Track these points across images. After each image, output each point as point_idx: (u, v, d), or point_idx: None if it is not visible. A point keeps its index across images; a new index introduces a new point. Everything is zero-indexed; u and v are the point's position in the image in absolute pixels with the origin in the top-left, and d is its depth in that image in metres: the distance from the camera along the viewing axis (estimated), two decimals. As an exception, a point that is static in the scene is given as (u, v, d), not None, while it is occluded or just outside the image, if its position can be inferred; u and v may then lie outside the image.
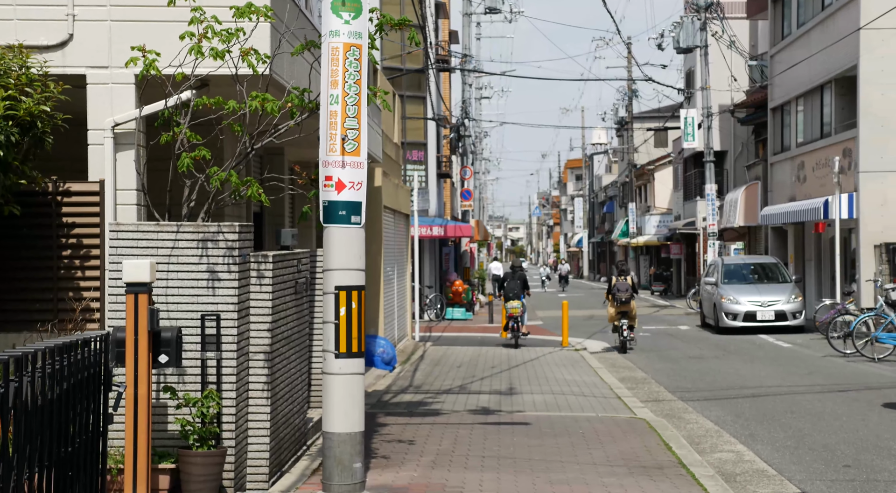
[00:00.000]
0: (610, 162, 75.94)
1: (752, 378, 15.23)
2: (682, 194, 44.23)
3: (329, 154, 7.32)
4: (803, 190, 26.36)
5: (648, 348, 20.75)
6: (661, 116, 52.32)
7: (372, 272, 16.77)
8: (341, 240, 7.36)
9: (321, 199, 7.40)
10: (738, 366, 17.01)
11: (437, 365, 16.97)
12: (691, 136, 33.42)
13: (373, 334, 16.81)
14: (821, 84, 25.18)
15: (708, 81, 32.30)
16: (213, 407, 7.17)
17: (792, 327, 23.12)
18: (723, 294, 23.61)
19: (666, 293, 46.18)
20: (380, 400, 12.47)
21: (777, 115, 29.32)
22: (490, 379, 14.84)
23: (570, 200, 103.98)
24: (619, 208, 65.17)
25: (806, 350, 19.41)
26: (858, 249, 22.44)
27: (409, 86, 30.09)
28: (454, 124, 34.64)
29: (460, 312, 30.43)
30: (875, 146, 22.22)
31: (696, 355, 19.01)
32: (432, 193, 29.80)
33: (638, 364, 17.77)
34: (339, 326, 7.29)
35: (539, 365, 16.97)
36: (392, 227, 19.00)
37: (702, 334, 24.12)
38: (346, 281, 7.33)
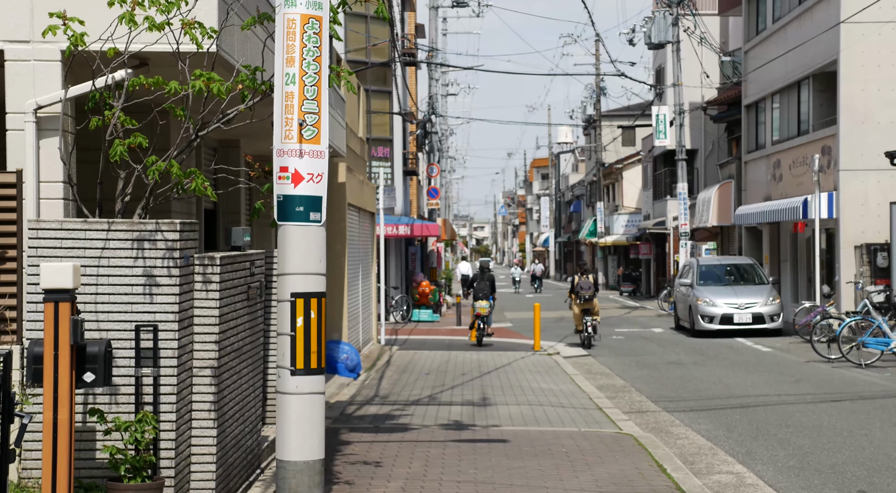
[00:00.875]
0: (577, 161, 75.34)
1: (738, 386, 14.44)
2: (652, 193, 43.58)
3: (284, 142, 6.38)
4: (779, 189, 25.71)
5: (624, 353, 19.95)
6: (630, 115, 51.70)
7: (335, 273, 15.82)
8: (298, 240, 6.42)
9: (275, 193, 6.45)
10: (719, 373, 16.22)
11: (404, 372, 16.04)
12: (663, 133, 32.72)
13: (336, 339, 15.86)
14: (798, 80, 24.53)
15: (680, 78, 31.62)
16: (149, 432, 6.21)
17: (769, 331, 22.42)
18: (698, 296, 22.88)
19: (635, 294, 45.53)
20: (343, 413, 11.53)
21: (751, 112, 28.66)
22: (461, 388, 13.93)
23: (536, 200, 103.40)
24: (587, 208, 64.54)
25: (787, 355, 18.69)
26: (838, 250, 21.78)
27: (374, 80, 29.13)
28: (421, 120, 33.72)
29: (427, 313, 29.51)
30: (856, 143, 21.57)
31: (674, 361, 18.23)
32: (398, 191, 28.86)
33: (615, 370, 16.95)
34: (296, 338, 6.35)
35: (512, 372, 16.10)
36: (356, 225, 18.05)
37: (677, 337, 23.37)
38: (303, 287, 6.39)
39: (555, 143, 78.60)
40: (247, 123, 7.45)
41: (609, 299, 42.24)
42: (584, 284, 20.71)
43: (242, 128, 12.60)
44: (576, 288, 20.85)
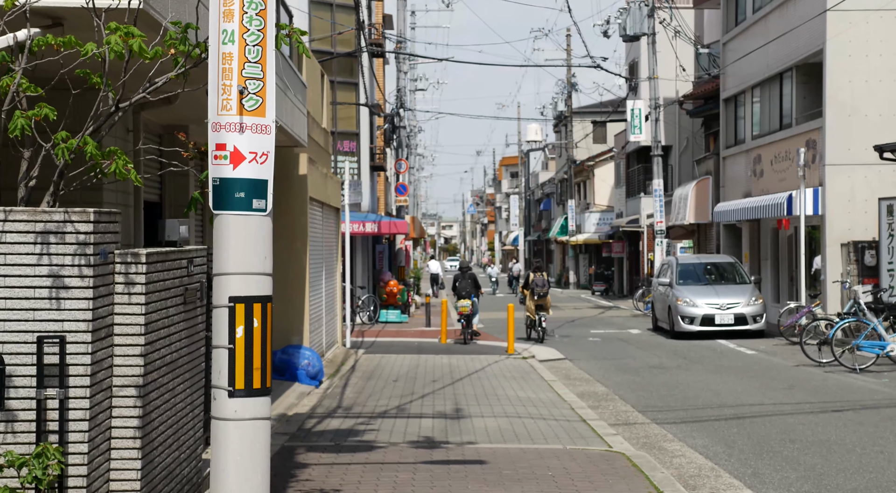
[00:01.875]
0: (547, 159, 74.50)
1: (728, 394, 13.45)
2: (625, 191, 42.73)
3: (221, 113, 5.26)
4: (760, 185, 24.83)
5: (603, 356, 18.95)
6: (602, 111, 50.86)
7: (296, 273, 14.69)
8: (239, 233, 5.31)
9: (210, 176, 5.33)
10: (706, 378, 15.25)
11: (370, 378, 14.93)
12: (638, 128, 31.81)
13: (297, 343, 14.72)
14: (780, 72, 23.65)
15: (655, 71, 30.70)
16: (53, 468, 5.07)
17: (752, 332, 21.51)
18: (678, 296, 21.92)
19: (607, 293, 44.64)
20: (301, 428, 10.40)
21: (730, 106, 27.79)
22: (432, 397, 12.84)
23: (506, 198, 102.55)
24: (557, 206, 63.68)
25: (774, 358, 17.76)
26: (824, 248, 20.91)
27: (340, 71, 27.97)
28: (389, 114, 32.59)
29: (395, 314, 28.40)
30: (842, 137, 20.71)
31: (656, 365, 17.24)
32: (365, 187, 27.71)
33: (595, 376, 15.93)
34: (236, 352, 5.23)
35: (486, 378, 15.03)
36: (320, 221, 16.91)
37: (655, 338, 22.41)
38: (244, 290, 5.28)
39: (524, 141, 77.74)
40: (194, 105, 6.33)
41: (581, 299, 41.35)
42: (539, 281, 21.88)
43: (191, 111, 11.41)
44: (531, 285, 22.04)
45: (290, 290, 14.68)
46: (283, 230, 14.61)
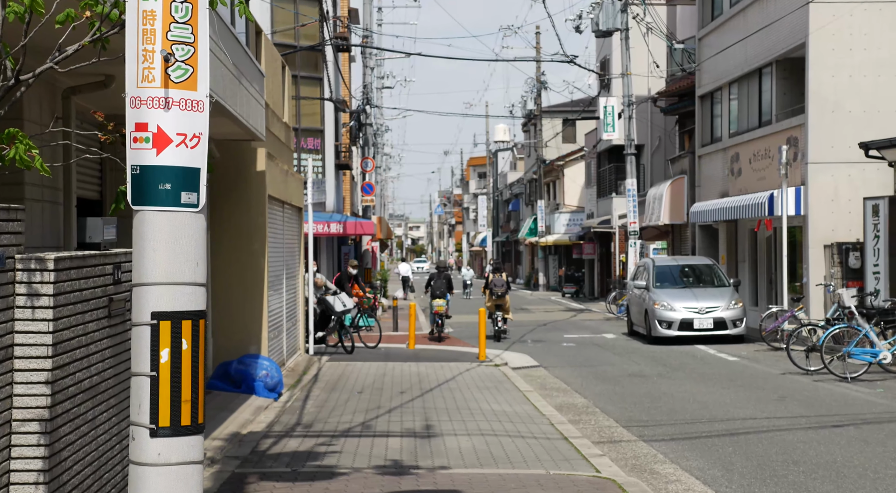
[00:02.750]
0: (515, 159, 73.75)
1: (717, 406, 12.59)
2: (596, 191, 41.96)
3: (142, 86, 4.27)
4: (738, 185, 24.08)
5: (579, 363, 18.07)
6: (572, 111, 50.12)
7: (253, 277, 13.67)
8: (164, 233, 4.32)
9: (128, 163, 4.34)
10: (690, 388, 14.39)
11: (333, 389, 13.93)
12: (611, 126, 31.01)
13: (255, 352, 13.70)
14: (759, 67, 22.90)
15: (629, 67, 29.90)
16: (-71, 529, 4.05)
17: (731, 337, 20.73)
18: (655, 300, 21.09)
19: (578, 295, 43.85)
20: (255, 450, 9.39)
21: (706, 103, 27.03)
22: (400, 411, 11.87)
23: (473, 199, 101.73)
24: (526, 206, 62.90)
25: (758, 365, 16.96)
26: (807, 249, 20.17)
27: (304, 65, 26.90)
28: (355, 111, 31.55)
29: (361, 318, 27.33)
30: (825, 134, 19.97)
31: (636, 373, 16.38)
32: (330, 186, 26.67)
33: (572, 385, 15.03)
34: (160, 381, 4.25)
35: (457, 388, 14.08)
36: (280, 222, 15.89)
37: (632, 343, 21.56)
38: (171, 304, 4.29)
39: (492, 141, 76.93)
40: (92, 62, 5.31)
41: (552, 301, 40.53)
42: (498, 281, 22.66)
43: None
44: (489, 285, 22.80)
45: (247, 295, 13.66)
46: (239, 231, 13.60)
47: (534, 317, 31.26)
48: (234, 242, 13.58)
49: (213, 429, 10.33)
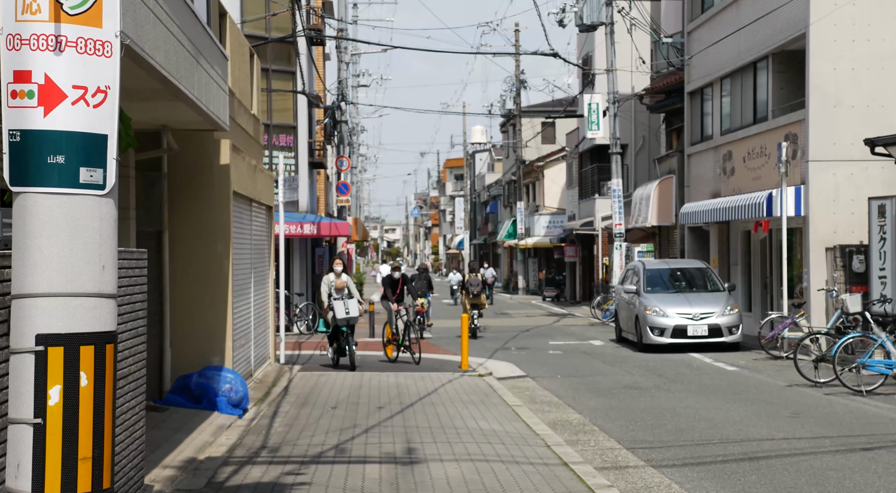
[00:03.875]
0: (493, 160, 72.69)
1: (727, 424, 11.46)
2: (578, 192, 40.89)
3: (22, 19, 3.06)
4: (731, 184, 23.02)
5: (568, 373, 16.92)
6: (553, 111, 49.07)
7: (218, 280, 12.43)
8: (56, 225, 3.10)
9: (4, 127, 3.12)
10: (693, 402, 13.26)
11: (304, 405, 12.70)
12: (595, 124, 29.91)
13: (217, 364, 12.45)
14: (753, 61, 21.85)
15: (614, 63, 28.83)
16: None
17: (727, 345, 19.64)
18: (647, 305, 19.97)
19: (559, 299, 42.77)
20: (212, 481, 8.15)
21: (696, 99, 25.98)
22: (379, 430, 10.66)
23: (450, 201, 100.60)
24: (504, 208, 61.81)
25: (760, 376, 15.87)
26: (807, 252, 19.11)
27: (275, 58, 25.65)
28: (329, 106, 30.30)
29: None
30: (826, 130, 18.92)
31: (631, 384, 15.24)
32: (303, 185, 25.43)
33: (564, 398, 13.88)
34: (47, 431, 3.03)
35: (440, 403, 12.88)
36: (247, 221, 14.64)
37: (622, 351, 20.43)
38: (65, 323, 3.08)
39: (469, 143, 75.82)
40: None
41: (532, 305, 39.39)
42: (474, 281, 24.27)
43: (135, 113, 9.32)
44: (466, 285, 24.42)
45: (209, 301, 12.41)
46: (201, 230, 12.35)
47: (515, 322, 30.12)
48: (194, 243, 12.34)
49: (165, 454, 9.09)
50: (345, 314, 16.65)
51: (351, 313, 16.72)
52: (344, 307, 16.66)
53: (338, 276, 17.04)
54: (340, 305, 16.70)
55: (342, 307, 16.67)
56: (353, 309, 16.77)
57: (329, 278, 17.01)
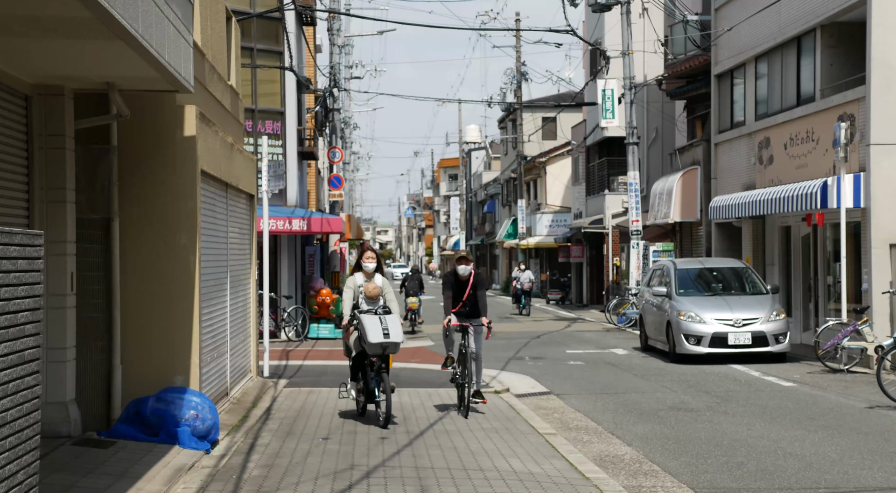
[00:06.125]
0: (489, 159, 70.33)
1: (823, 463, 9.07)
2: (585, 188, 38.51)
3: None
4: (769, 175, 20.65)
5: (597, 389, 14.54)
6: (553, 106, 46.73)
7: (181, 280, 10.00)
8: None
9: None
10: (763, 429, 10.89)
11: (289, 434, 10.29)
12: (610, 112, 27.56)
13: (180, 385, 10.00)
14: (797, 35, 19.49)
15: (630, 45, 26.47)
16: None
17: (772, 355, 17.27)
18: (680, 310, 17.59)
19: (563, 302, 40.39)
20: (150, 567, 5.72)
21: (724, 82, 23.62)
22: (384, 475, 8.24)
23: (445, 201, 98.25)
24: (503, 208, 59.45)
25: (827, 395, 13.48)
26: (868, 249, 16.73)
27: (261, 37, 23.23)
28: (320, 90, 27.90)
29: (328, 328, 23.72)
30: (891, 110, 16.56)
31: (678, 405, 12.85)
32: (292, 176, 23.01)
33: (604, 424, 11.50)
34: None
35: (456, 430, 10.48)
36: (221, 209, 12.21)
37: (652, 362, 18.04)
38: None
39: (464, 142, 73.48)
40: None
41: (538, 309, 36.95)
42: None
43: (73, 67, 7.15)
44: None
45: (170, 306, 9.97)
46: (159, 219, 9.92)
47: (523, 327, 27.74)
48: (151, 234, 9.91)
49: (96, 517, 6.68)
50: (381, 338, 10.53)
51: (391, 335, 10.59)
52: (380, 327, 10.59)
53: (368, 276, 11.09)
54: (373, 323, 10.63)
55: (376, 327, 10.60)
56: (394, 330, 10.66)
57: (355, 280, 11.13)
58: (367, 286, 11.01)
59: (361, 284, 11.09)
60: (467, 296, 11.60)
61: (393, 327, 10.66)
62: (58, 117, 8.96)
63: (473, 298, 11.64)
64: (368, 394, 10.93)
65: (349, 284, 11.20)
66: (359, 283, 11.10)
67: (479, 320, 11.70)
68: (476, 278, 11.63)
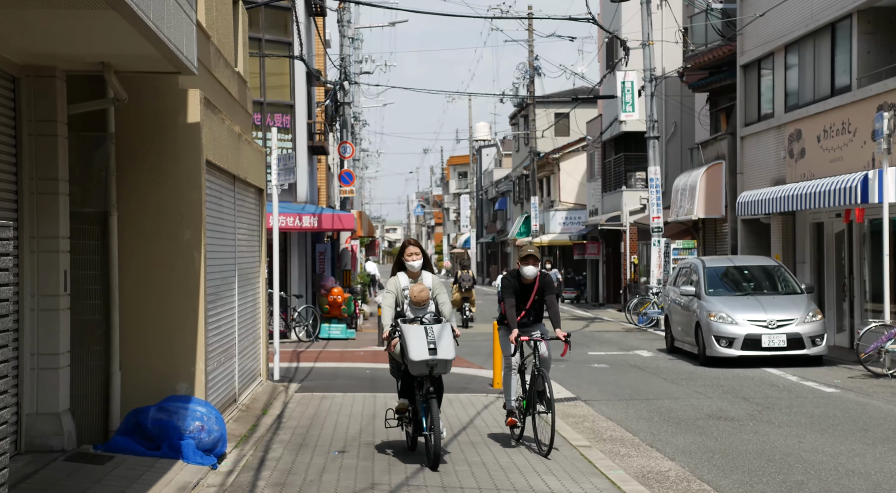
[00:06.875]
0: (500, 156, 69.50)
1: (890, 480, 8.24)
2: (601, 185, 37.64)
3: None
4: (800, 168, 19.77)
5: (626, 394, 13.71)
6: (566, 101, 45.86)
7: (185, 280, 9.20)
8: None
9: None
10: (817, 442, 10.05)
11: (302, 446, 9.49)
12: (630, 105, 26.69)
13: (185, 393, 9.20)
14: (831, 21, 18.61)
15: (650, 36, 25.61)
16: None
17: (809, 358, 16.41)
18: (710, 310, 16.74)
19: (578, 301, 39.54)
20: None
21: (751, 73, 22.73)
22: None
23: (454, 199, 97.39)
24: (515, 205, 58.58)
25: (875, 402, 12.64)
26: (911, 246, 15.85)
27: (270, 27, 22.42)
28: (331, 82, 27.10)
29: (339, 329, 22.93)
30: (936, 99, 15.68)
31: (717, 413, 12.00)
32: (302, 171, 22.19)
33: (640, 434, 10.67)
34: None
35: (482, 442, 9.67)
36: (229, 203, 11.40)
37: (680, 365, 17.19)
38: None
39: (474, 139, 72.61)
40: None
41: (552, 308, 36.07)
42: (465, 277, 26.77)
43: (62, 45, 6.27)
44: (459, 280, 26.85)
45: (173, 306, 9.16)
46: (161, 212, 9.11)
47: (540, 327, 26.88)
48: (151, 230, 9.10)
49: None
50: (425, 354, 8.46)
51: (440, 352, 8.49)
52: (425, 340, 8.53)
53: (413, 276, 9.14)
54: (417, 335, 8.58)
55: (420, 340, 8.54)
56: (444, 343, 8.55)
57: (398, 282, 9.13)
58: (412, 289, 8.92)
59: (406, 286, 9.03)
60: (531, 302, 9.49)
61: (442, 340, 8.49)
62: (49, 101, 8.17)
63: (539, 305, 9.58)
64: (416, 424, 8.85)
65: (390, 286, 9.15)
66: (402, 285, 9.05)
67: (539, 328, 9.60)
68: (543, 281, 9.58)
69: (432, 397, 8.49)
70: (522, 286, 9.52)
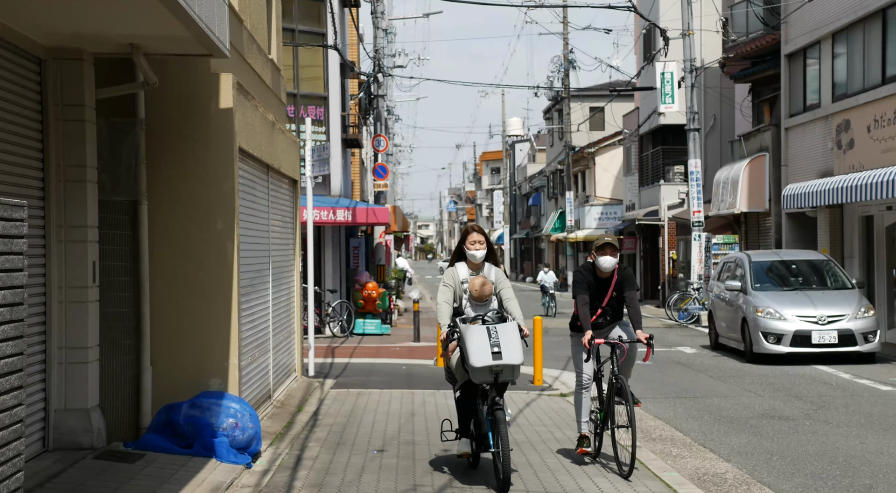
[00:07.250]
0: (534, 151, 68.90)
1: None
2: (638, 179, 37.04)
3: None
4: (849, 160, 19.16)
5: (672, 392, 13.24)
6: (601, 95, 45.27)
7: (218, 272, 8.85)
8: None
9: None
10: (881, 443, 9.56)
11: (339, 444, 9.11)
12: (670, 96, 26.12)
13: (217, 390, 8.85)
14: (882, 7, 17.99)
15: (691, 25, 25.03)
16: None
17: (861, 355, 15.83)
18: (758, 306, 16.20)
19: (615, 297, 38.92)
20: None
21: (796, 62, 22.11)
22: (451, 500, 7.02)
23: (486, 195, 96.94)
24: (549, 200, 58.02)
25: (936, 399, 12.08)
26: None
27: (303, 18, 22.11)
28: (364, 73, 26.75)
29: (374, 324, 22.59)
30: None
31: (769, 412, 11.50)
32: (335, 164, 21.86)
33: (692, 434, 10.21)
34: None
35: (527, 441, 9.24)
36: (263, 193, 11.05)
37: (726, 362, 16.67)
38: None
39: (507, 135, 72.09)
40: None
41: (589, 304, 35.56)
42: None
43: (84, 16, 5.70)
44: None
45: (206, 300, 8.82)
46: (192, 202, 8.76)
47: (577, 323, 26.39)
48: (183, 221, 8.76)
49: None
50: (488, 359, 7.25)
51: (503, 355, 7.28)
52: (488, 342, 7.30)
53: (474, 267, 7.91)
54: (479, 337, 7.33)
55: (483, 343, 7.30)
56: (509, 346, 7.34)
57: (456, 273, 7.89)
58: (472, 282, 7.67)
59: (465, 278, 7.77)
60: (608, 299, 8.20)
61: (508, 341, 7.25)
62: (76, 85, 7.82)
63: (618, 303, 8.29)
64: (479, 439, 7.60)
65: (447, 279, 7.82)
66: (461, 277, 7.78)
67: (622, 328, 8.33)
68: (622, 275, 8.25)
69: (499, 409, 7.22)
70: (598, 281, 8.21)
